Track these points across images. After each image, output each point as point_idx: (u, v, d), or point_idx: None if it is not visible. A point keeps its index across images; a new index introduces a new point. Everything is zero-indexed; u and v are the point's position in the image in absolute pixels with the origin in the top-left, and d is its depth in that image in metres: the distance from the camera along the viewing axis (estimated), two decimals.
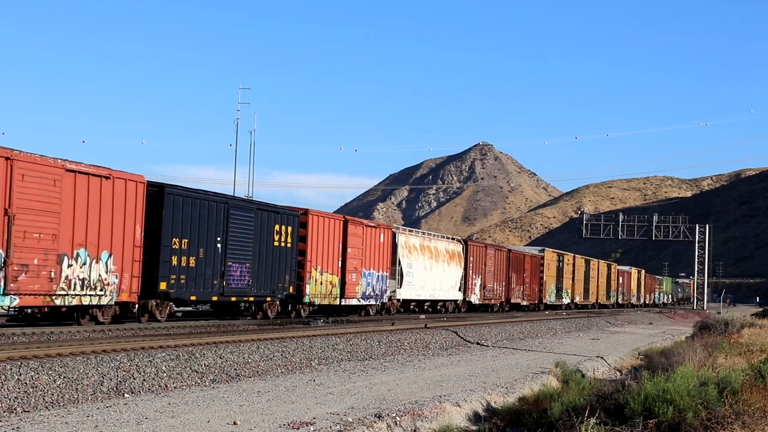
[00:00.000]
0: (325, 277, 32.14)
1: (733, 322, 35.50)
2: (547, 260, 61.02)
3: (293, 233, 29.99)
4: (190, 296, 25.01)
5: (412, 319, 35.67)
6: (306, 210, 31.27)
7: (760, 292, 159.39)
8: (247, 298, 27.92)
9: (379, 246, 36.37)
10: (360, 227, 34.75)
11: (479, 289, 47.85)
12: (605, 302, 78.60)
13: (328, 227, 32.25)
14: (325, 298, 32.17)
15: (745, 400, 13.13)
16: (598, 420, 12.11)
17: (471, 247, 47.17)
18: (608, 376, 22.50)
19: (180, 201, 24.29)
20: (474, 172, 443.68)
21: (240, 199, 28.58)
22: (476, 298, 47.46)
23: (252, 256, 27.69)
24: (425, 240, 42.20)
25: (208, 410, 12.38)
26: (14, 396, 11.98)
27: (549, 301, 61.13)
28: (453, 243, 45.47)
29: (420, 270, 40.47)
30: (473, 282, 47.00)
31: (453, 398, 14.99)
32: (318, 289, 31.55)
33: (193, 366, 15.63)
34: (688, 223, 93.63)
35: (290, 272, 29.90)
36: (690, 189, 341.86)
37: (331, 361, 19.60)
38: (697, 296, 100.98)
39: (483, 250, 48.81)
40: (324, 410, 12.85)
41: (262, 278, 28.31)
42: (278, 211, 29.31)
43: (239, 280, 27.06)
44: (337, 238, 32.89)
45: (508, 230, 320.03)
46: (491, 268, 49.68)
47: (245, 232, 27.32)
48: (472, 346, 26.50)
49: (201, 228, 25.14)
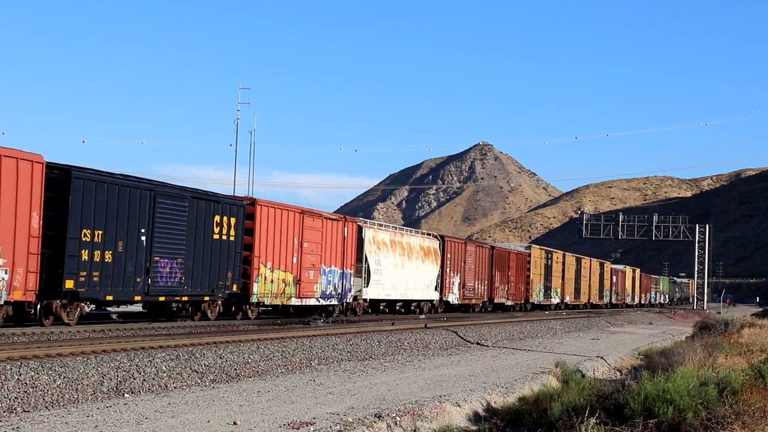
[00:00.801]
0: (277, 274, 29.03)
1: (733, 322, 35.51)
2: (534, 258, 57.90)
3: (238, 225, 26.93)
4: (106, 296, 21.78)
5: (412, 319, 35.66)
6: (254, 200, 28.48)
7: (760, 292, 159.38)
8: (180, 297, 24.76)
9: (343, 241, 33.38)
10: (319, 220, 31.73)
11: (458, 289, 44.91)
12: (598, 302, 76.07)
13: (280, 219, 29.13)
14: (277, 297, 29.14)
15: (745, 400, 13.14)
16: (598, 420, 12.11)
17: (448, 243, 44.27)
18: (608, 376, 22.50)
19: (92, 187, 21.02)
20: (474, 172, 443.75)
21: (170, 186, 24.65)
22: (455, 297, 44.57)
23: (185, 251, 24.55)
24: (396, 235, 39.03)
25: (208, 410, 12.38)
26: (14, 396, 11.98)
27: (536, 300, 58.10)
28: (428, 239, 42.58)
29: (390, 267, 37.56)
30: (451, 281, 44.06)
31: (453, 398, 14.99)
32: (268, 288, 28.48)
33: (193, 366, 15.63)
34: (688, 223, 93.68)
35: (234, 269, 26.83)
36: (690, 189, 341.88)
37: (331, 361, 19.61)
38: (697, 296, 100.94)
39: (462, 247, 45.96)
40: (324, 410, 12.86)
41: (199, 275, 25.23)
42: (219, 201, 26.29)
43: (169, 277, 24.00)
44: (291, 232, 29.80)
45: (508, 230, 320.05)
46: (471, 266, 46.62)
47: (176, 223, 24.22)
48: (472, 346, 26.50)
49: (120, 218, 21.96)
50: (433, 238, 42.98)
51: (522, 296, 55.76)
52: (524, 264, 56.03)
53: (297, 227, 30.15)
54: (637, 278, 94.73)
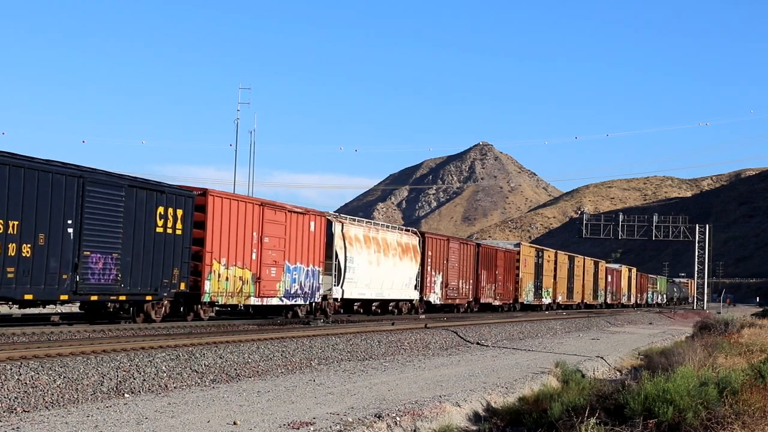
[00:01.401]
0: (233, 271, 26.90)
1: (733, 322, 35.51)
2: (524, 256, 55.72)
3: (186, 218, 24.66)
4: (24, 294, 19.41)
5: (412, 320, 35.65)
6: (205, 190, 26.05)
7: (760, 292, 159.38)
8: (117, 297, 22.46)
9: (310, 236, 31.17)
10: (282, 213, 29.46)
11: (440, 288, 42.68)
12: (592, 302, 73.79)
13: (236, 212, 27.01)
14: (234, 296, 27.04)
15: (745, 400, 13.13)
16: (598, 420, 12.11)
17: (429, 240, 42.03)
18: (608, 376, 22.50)
19: (6, 172, 18.72)
20: (474, 172, 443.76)
21: (103, 173, 21.96)
22: (436, 297, 42.41)
23: (122, 245, 22.20)
24: (371, 231, 36.70)
25: (208, 410, 12.38)
26: (14, 396, 11.98)
27: (526, 300, 55.95)
28: (407, 235, 40.21)
29: (364, 265, 35.22)
30: (432, 279, 41.86)
31: (453, 398, 14.99)
32: (222, 286, 26.35)
33: (193, 366, 15.63)
34: (688, 223, 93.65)
35: (181, 265, 24.50)
36: (690, 189, 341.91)
37: (331, 361, 19.61)
38: (697, 296, 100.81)
39: (444, 244, 43.77)
40: (324, 410, 12.85)
41: (139, 273, 22.91)
42: (163, 191, 23.92)
43: (102, 274, 21.62)
44: (250, 226, 27.67)
45: (508, 230, 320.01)
46: (455, 264, 44.44)
47: (111, 214, 21.83)
48: (472, 346, 26.50)
49: (41, 208, 19.67)
50: (412, 235, 40.84)
51: (510, 296, 53.92)
52: (513, 262, 54.02)
53: (256, 220, 28.00)
54: (634, 278, 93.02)
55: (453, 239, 46.12)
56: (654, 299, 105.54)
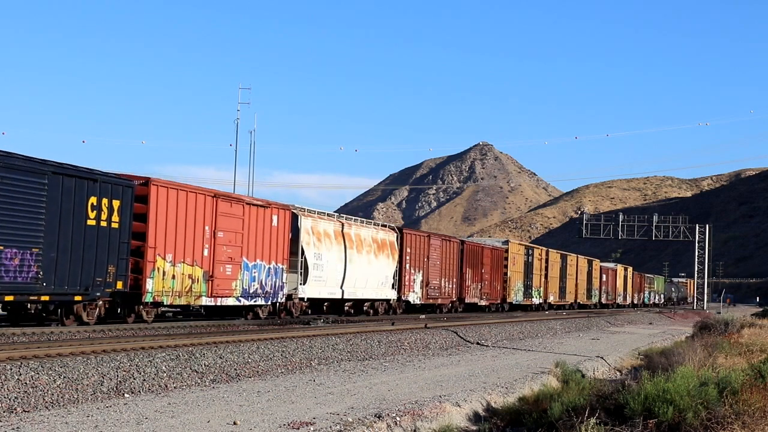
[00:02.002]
0: (181, 268, 24.71)
1: (733, 322, 35.50)
2: (512, 254, 53.89)
3: (124, 209, 22.23)
4: None
5: (412, 320, 35.65)
6: (147, 179, 23.77)
7: (760, 292, 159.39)
8: (38, 297, 20.05)
9: (272, 231, 29.08)
10: (239, 206, 27.42)
11: (420, 287, 40.70)
12: (585, 302, 71.89)
13: (185, 204, 24.81)
14: (182, 296, 24.88)
15: (745, 400, 13.14)
16: (598, 420, 12.11)
17: (408, 236, 40.03)
18: (608, 376, 22.50)
19: None
20: (474, 172, 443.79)
21: (22, 159, 19.51)
22: (416, 297, 40.40)
23: (44, 240, 19.80)
24: (343, 226, 34.51)
25: (208, 410, 12.38)
26: (14, 396, 11.98)
27: (515, 300, 54.27)
28: (383, 231, 38.04)
29: (334, 262, 33.10)
30: (412, 278, 39.89)
31: (453, 398, 14.99)
32: (168, 285, 24.15)
33: (193, 366, 15.64)
34: (688, 223, 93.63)
35: (118, 262, 22.14)
36: (690, 189, 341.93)
37: (331, 361, 19.61)
38: (697, 296, 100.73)
39: (425, 241, 41.69)
40: (324, 410, 12.86)
41: (66, 270, 20.51)
42: (95, 179, 21.39)
43: (19, 272, 19.23)
44: (201, 219, 25.60)
45: (508, 230, 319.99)
46: (437, 261, 42.49)
47: (30, 204, 19.46)
48: (472, 346, 26.50)
49: None
50: (389, 231, 38.75)
51: (498, 295, 52.12)
52: (501, 261, 52.23)
53: (209, 213, 25.93)
54: (630, 277, 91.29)
55: (434, 236, 44.04)
56: (651, 299, 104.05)
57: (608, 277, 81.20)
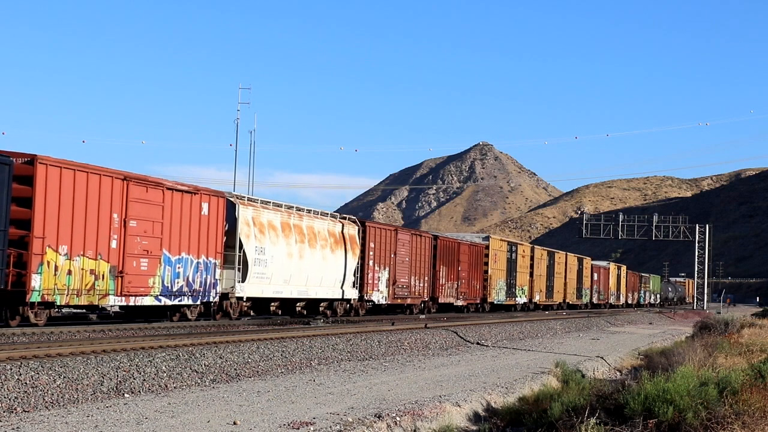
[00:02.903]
0: (81, 263, 21.21)
1: (733, 322, 35.51)
2: (493, 250, 50.77)
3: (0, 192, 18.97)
4: None
5: (412, 320, 35.64)
6: (33, 156, 20.02)
7: (760, 292, 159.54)
8: None
9: (202, 221, 25.81)
10: (158, 191, 23.97)
11: (386, 285, 37.59)
12: (575, 302, 69.08)
13: (85, 187, 21.40)
14: (82, 295, 21.35)
15: (745, 400, 13.14)
16: (598, 420, 12.11)
17: (371, 230, 36.75)
18: (608, 376, 22.50)
19: None
20: (474, 172, 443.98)
21: None
22: (381, 296, 37.29)
23: None
24: (292, 217, 31.11)
25: (208, 410, 12.38)
26: (14, 396, 11.99)
27: (496, 300, 51.38)
28: (342, 224, 34.72)
29: (281, 257, 29.81)
30: (376, 276, 36.76)
31: (453, 398, 14.99)
32: (62, 282, 20.66)
33: (193, 366, 15.64)
34: (688, 223, 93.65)
35: None
36: (690, 189, 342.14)
37: (331, 361, 19.61)
38: (697, 296, 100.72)
39: (391, 235, 38.44)
40: (324, 410, 12.86)
41: None
42: None
43: None
44: (108, 205, 22.12)
45: (508, 230, 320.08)
46: (406, 258, 39.33)
47: None
48: (472, 346, 26.51)
49: None
50: (349, 223, 35.40)
51: (478, 295, 48.96)
52: (480, 258, 48.96)
53: (117, 199, 22.47)
54: (623, 276, 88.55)
55: (402, 230, 40.79)
56: (646, 299, 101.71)
57: (600, 276, 78.71)
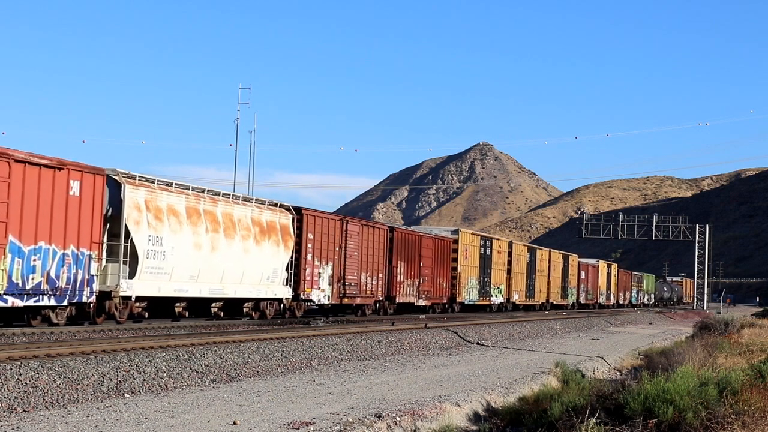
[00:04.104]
0: None
1: (733, 322, 35.51)
2: (464, 245, 46.81)
3: None
4: None
5: (412, 320, 35.62)
6: None
7: (760, 292, 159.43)
8: None
9: (70, 203, 21.18)
10: (2, 164, 19.26)
11: (330, 283, 33.38)
12: (560, 302, 65.47)
13: None
14: None
15: (745, 400, 13.14)
16: (598, 420, 12.11)
17: (309, 218, 32.18)
18: (608, 376, 22.50)
19: None
20: (474, 172, 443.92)
21: None
22: (324, 295, 33.10)
23: None
24: (202, 202, 26.66)
25: (208, 410, 12.38)
26: (14, 396, 11.99)
27: (467, 299, 47.25)
28: (270, 211, 30.19)
29: (186, 249, 25.51)
30: (316, 272, 32.49)
31: (453, 398, 14.99)
32: None
33: (193, 366, 15.64)
34: (688, 223, 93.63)
35: None
36: (690, 189, 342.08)
37: (331, 361, 19.61)
38: (697, 296, 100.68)
39: (336, 226, 34.08)
40: (324, 410, 12.86)
41: None
42: None
43: None
44: None
45: (508, 230, 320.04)
46: (354, 252, 35.24)
47: None
48: (472, 346, 26.51)
49: None
50: (280, 211, 30.85)
51: (444, 294, 44.88)
52: (447, 253, 45.00)
53: None
54: (614, 274, 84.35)
55: (352, 220, 36.27)
56: (639, 299, 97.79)
57: (588, 274, 74.84)
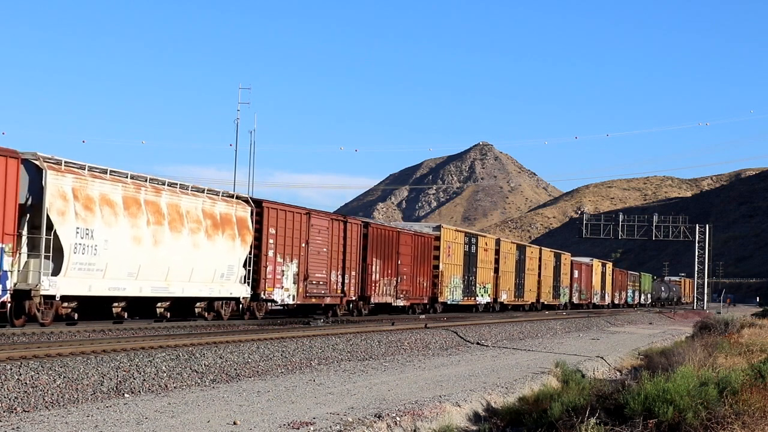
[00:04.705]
0: None
1: (733, 322, 35.53)
2: (446, 242, 44.33)
3: None
4: None
5: (412, 320, 35.61)
6: None
7: (760, 292, 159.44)
8: None
9: None
10: None
11: (294, 282, 30.70)
12: (551, 302, 63.39)
13: None
14: None
15: (745, 400, 13.14)
16: (598, 420, 12.11)
17: (270, 212, 29.40)
18: (608, 376, 22.51)
19: None
20: (474, 172, 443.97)
21: None
22: (287, 294, 30.31)
23: None
24: (143, 192, 24.11)
25: (208, 410, 12.39)
26: (14, 396, 11.99)
27: (450, 299, 44.83)
28: (225, 203, 27.56)
29: (124, 243, 22.97)
30: (278, 269, 29.78)
31: (453, 398, 14.99)
32: None
33: (193, 366, 15.64)
34: (688, 223, 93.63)
35: None
36: (690, 189, 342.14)
37: (331, 361, 19.61)
38: (697, 296, 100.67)
39: (301, 220, 31.25)
40: (324, 410, 12.86)
41: None
42: None
43: None
44: None
45: (508, 230, 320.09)
46: (323, 248, 32.55)
47: None
48: (472, 346, 26.51)
49: None
50: (237, 203, 28.27)
51: (425, 293, 42.27)
52: (428, 250, 42.48)
53: None
54: (609, 274, 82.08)
55: (319, 213, 33.23)
56: (635, 299, 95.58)
57: (582, 273, 72.59)
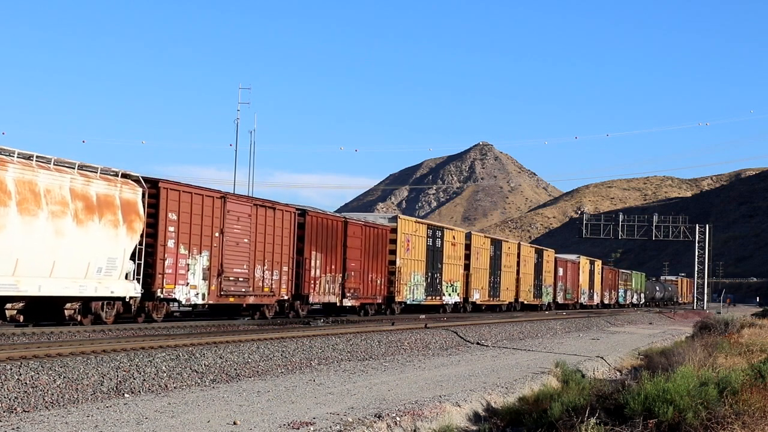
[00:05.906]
0: None
1: (733, 322, 35.51)
2: (404, 234, 39.36)
3: None
4: None
5: (412, 320, 35.59)
6: None
7: (760, 292, 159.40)
8: None
9: None
10: None
11: (205, 278, 26.17)
12: (533, 301, 58.64)
13: None
14: None
15: (745, 400, 13.14)
16: (598, 420, 12.11)
17: (170, 194, 24.74)
18: (608, 376, 22.50)
19: None
20: (474, 172, 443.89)
21: None
22: (195, 293, 25.81)
23: None
24: None
25: (208, 410, 12.38)
26: (14, 396, 11.98)
27: (410, 299, 40.07)
28: (103, 182, 22.22)
29: None
30: (182, 263, 25.13)
31: (453, 398, 14.99)
32: None
33: (193, 366, 15.64)
34: (688, 223, 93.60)
35: None
36: (690, 189, 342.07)
37: (331, 361, 19.61)
38: (697, 296, 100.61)
39: (213, 204, 26.55)
40: (324, 410, 12.86)
41: None
42: None
43: None
44: None
45: (508, 230, 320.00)
46: (243, 239, 27.95)
47: None
48: (472, 346, 26.50)
49: None
50: (123, 182, 23.08)
51: (379, 292, 37.47)
52: (383, 244, 37.62)
53: None
54: (597, 272, 76.94)
55: (237, 198, 28.83)
56: (627, 299, 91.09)
57: (567, 271, 67.85)
